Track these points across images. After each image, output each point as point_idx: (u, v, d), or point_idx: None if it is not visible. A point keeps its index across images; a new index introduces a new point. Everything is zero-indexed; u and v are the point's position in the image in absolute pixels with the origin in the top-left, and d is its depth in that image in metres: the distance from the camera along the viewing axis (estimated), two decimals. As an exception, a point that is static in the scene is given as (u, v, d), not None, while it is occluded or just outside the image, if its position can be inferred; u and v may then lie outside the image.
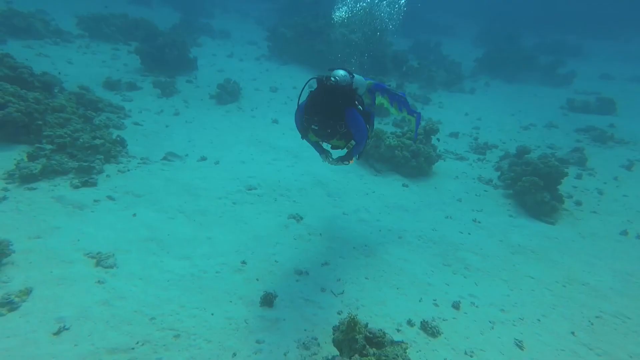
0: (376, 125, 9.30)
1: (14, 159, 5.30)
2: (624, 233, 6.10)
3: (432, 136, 7.89)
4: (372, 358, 2.57)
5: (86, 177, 5.32)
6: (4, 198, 4.65)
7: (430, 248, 5.17)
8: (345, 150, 3.89)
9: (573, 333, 3.87)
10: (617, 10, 34.60)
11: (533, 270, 4.91)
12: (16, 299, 3.26)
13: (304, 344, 3.32)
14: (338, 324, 2.99)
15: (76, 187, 5.16)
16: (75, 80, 8.96)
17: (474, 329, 3.79)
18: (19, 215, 4.43)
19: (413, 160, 7.28)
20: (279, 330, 3.47)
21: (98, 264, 3.91)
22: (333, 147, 3.92)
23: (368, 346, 2.72)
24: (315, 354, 3.25)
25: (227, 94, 10.25)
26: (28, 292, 3.38)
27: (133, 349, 3.05)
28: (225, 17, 22.85)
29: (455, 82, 14.55)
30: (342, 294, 4.07)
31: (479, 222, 6.02)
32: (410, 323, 3.73)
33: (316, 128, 3.23)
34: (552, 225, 6.29)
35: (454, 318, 3.90)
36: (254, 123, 9.25)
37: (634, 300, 4.48)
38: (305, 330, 3.50)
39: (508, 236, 5.71)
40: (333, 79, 3.27)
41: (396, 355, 2.61)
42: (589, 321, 4.08)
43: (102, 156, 5.87)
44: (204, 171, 6.45)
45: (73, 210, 4.73)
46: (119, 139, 6.50)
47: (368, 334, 2.80)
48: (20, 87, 6.10)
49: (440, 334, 3.62)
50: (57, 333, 3.07)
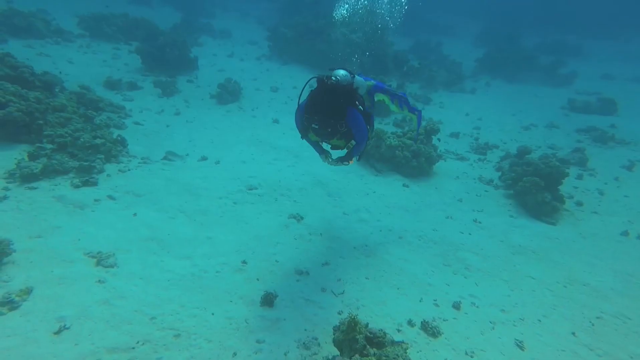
0: (377, 125, 9.30)
1: (15, 158, 5.30)
2: (625, 233, 6.09)
3: (433, 136, 7.88)
4: (373, 358, 2.57)
5: (87, 177, 5.33)
6: (5, 197, 4.65)
7: (430, 248, 5.17)
8: (345, 150, 3.89)
9: (574, 333, 3.87)
10: (617, 10, 34.58)
11: (534, 271, 4.91)
12: (17, 298, 3.26)
13: (304, 343, 3.32)
14: (338, 324, 2.99)
15: (77, 187, 5.17)
16: (76, 79, 8.97)
17: (475, 329, 3.78)
18: (19, 214, 4.43)
19: (414, 160, 7.28)
20: (279, 330, 3.47)
21: (98, 263, 3.91)
22: (333, 148, 3.91)
23: (368, 346, 2.72)
24: (315, 353, 3.25)
25: (228, 93, 10.25)
26: (29, 292, 3.38)
27: (133, 348, 3.06)
28: (225, 17, 22.86)
29: (456, 82, 14.54)
30: (343, 294, 4.06)
31: (480, 223, 6.02)
32: (410, 323, 3.73)
33: (316, 127, 3.21)
34: (553, 225, 6.28)
35: (454, 318, 3.90)
36: (254, 123, 9.25)
37: (635, 301, 4.48)
38: (305, 330, 3.50)
39: (509, 236, 5.70)
40: (334, 78, 3.27)
41: (397, 355, 2.60)
42: (590, 322, 4.08)
43: (103, 156, 5.88)
44: (204, 171, 6.46)
45: (74, 209, 4.73)
46: (119, 138, 6.51)
47: (368, 334, 2.79)
48: (21, 87, 6.11)
49: (440, 334, 3.62)
50: (58, 332, 3.07)
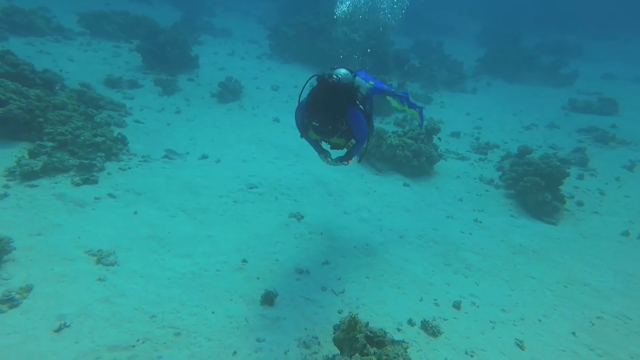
0: (378, 124, 9.30)
1: (15, 156, 5.30)
2: (626, 234, 6.08)
3: (434, 136, 7.88)
4: (373, 357, 2.57)
5: (87, 175, 5.32)
6: (5, 195, 4.65)
7: (431, 248, 5.16)
8: (344, 150, 3.86)
9: (574, 333, 3.87)
10: (617, 10, 34.51)
11: (534, 271, 4.90)
12: (17, 296, 3.26)
13: (304, 342, 3.32)
14: (339, 323, 2.98)
15: (77, 185, 5.16)
16: (77, 77, 8.95)
17: (475, 328, 3.78)
18: (19, 212, 4.43)
19: (414, 160, 7.27)
20: (279, 328, 3.47)
21: (99, 261, 3.91)
22: (333, 147, 3.87)
23: (369, 345, 2.72)
24: (315, 352, 3.24)
25: (229, 92, 10.23)
26: (29, 289, 3.38)
27: (133, 346, 3.05)
28: (226, 16, 22.83)
29: (457, 82, 14.52)
30: (343, 293, 4.06)
31: (480, 222, 6.01)
32: (411, 322, 3.73)
33: (317, 125, 3.18)
34: (554, 225, 6.28)
35: (454, 318, 3.90)
36: (255, 122, 9.24)
37: (636, 301, 4.47)
38: (305, 329, 3.49)
39: (509, 236, 5.70)
40: (335, 76, 3.25)
41: (397, 354, 2.60)
42: (590, 322, 4.07)
43: (103, 154, 5.87)
44: (205, 169, 6.45)
45: (74, 207, 4.73)
46: (120, 136, 6.50)
47: (369, 333, 2.79)
48: (22, 84, 6.09)
49: (440, 334, 3.62)
50: (58, 330, 3.07)
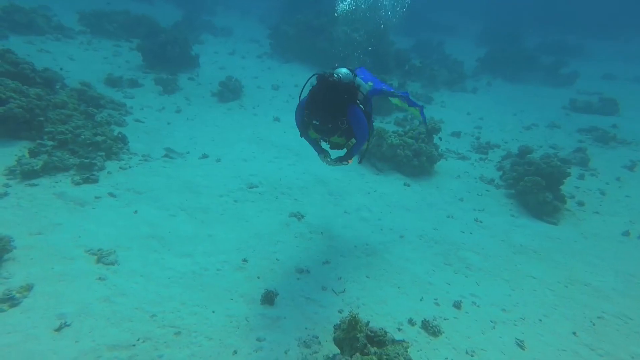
0: (378, 123, 9.30)
1: (15, 155, 5.30)
2: (626, 234, 6.08)
3: (434, 135, 7.87)
4: (374, 357, 2.56)
5: (87, 174, 5.32)
6: (5, 194, 4.65)
7: (431, 247, 5.16)
8: (344, 150, 3.84)
9: (575, 333, 3.86)
10: (617, 10, 34.49)
11: (535, 270, 4.90)
12: (17, 295, 3.26)
13: (304, 342, 3.32)
14: (339, 323, 2.98)
15: (77, 184, 5.16)
16: (77, 76, 8.95)
17: (475, 328, 3.78)
18: (20, 211, 4.43)
19: (415, 160, 7.26)
20: (279, 328, 3.47)
21: (99, 260, 3.91)
22: (332, 147, 3.84)
23: (369, 345, 2.72)
24: (316, 352, 3.24)
25: (229, 91, 10.23)
26: (29, 288, 3.38)
27: (134, 345, 3.05)
28: (227, 15, 22.84)
29: (457, 82, 14.51)
30: (343, 292, 4.06)
31: (481, 222, 6.00)
32: (411, 322, 3.72)
33: (317, 123, 3.16)
34: (554, 225, 6.27)
35: (455, 317, 3.89)
36: (255, 121, 9.24)
37: (636, 301, 4.47)
38: (306, 328, 3.49)
39: (510, 236, 5.69)
40: (336, 75, 3.25)
41: (397, 354, 2.60)
42: (591, 322, 4.07)
43: (104, 153, 5.87)
44: (205, 169, 6.45)
45: (74, 206, 4.73)
46: (120, 135, 6.50)
47: (369, 333, 2.79)
48: (22, 83, 6.09)
49: (441, 333, 3.62)
50: (58, 329, 3.07)
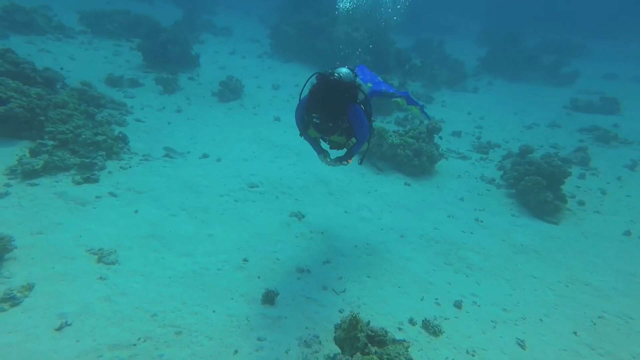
0: (379, 123, 9.29)
1: (16, 155, 5.30)
2: (627, 233, 6.07)
3: (435, 135, 7.86)
4: (374, 356, 2.56)
5: (88, 174, 5.32)
6: (6, 194, 4.65)
7: (432, 247, 5.16)
8: (344, 150, 3.82)
9: (575, 333, 3.86)
10: (617, 10, 34.44)
11: (535, 270, 4.89)
12: (18, 295, 3.27)
13: (305, 341, 3.32)
14: (340, 322, 2.98)
15: (78, 184, 5.16)
16: (78, 76, 8.95)
17: (476, 328, 3.78)
18: (21, 211, 4.43)
19: (415, 159, 7.26)
20: (280, 327, 3.47)
21: (100, 260, 3.91)
22: (332, 147, 3.81)
23: (370, 344, 2.72)
24: (316, 351, 3.24)
25: (229, 91, 10.23)
26: (30, 288, 3.38)
27: (135, 345, 3.06)
28: (227, 14, 22.83)
29: (458, 81, 14.50)
30: (344, 292, 4.06)
31: (482, 222, 6.00)
32: (412, 322, 3.72)
33: (317, 122, 3.15)
34: (555, 225, 6.26)
35: (455, 317, 3.89)
36: (256, 121, 9.23)
37: (637, 301, 4.46)
38: (306, 328, 3.49)
39: (510, 235, 5.69)
40: (336, 74, 3.24)
41: (398, 353, 2.60)
42: (592, 321, 4.06)
43: (104, 152, 5.87)
44: (205, 168, 6.45)
45: (75, 206, 4.73)
46: (121, 135, 6.50)
47: (370, 332, 2.79)
48: (23, 83, 6.10)
49: (442, 333, 3.62)
50: (59, 329, 3.07)
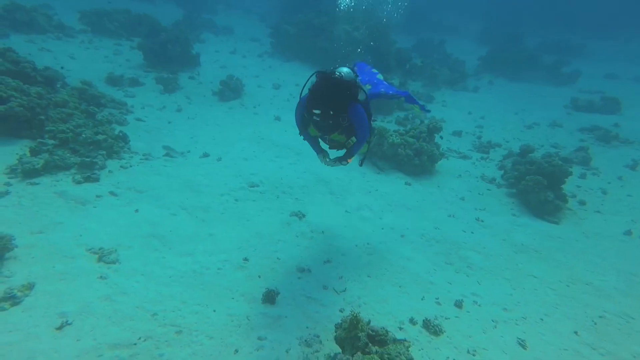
0: (379, 123, 9.28)
1: (17, 154, 5.30)
2: (628, 233, 6.06)
3: (436, 134, 7.85)
4: (375, 356, 2.56)
5: (88, 173, 5.32)
6: (7, 193, 4.65)
7: (432, 246, 5.15)
8: (344, 150, 3.81)
9: (576, 332, 3.86)
10: (617, 10, 34.42)
11: (536, 270, 4.89)
12: (19, 294, 3.27)
13: (306, 341, 3.32)
14: (340, 322, 2.98)
15: (78, 183, 5.16)
16: (78, 75, 8.95)
17: (477, 327, 3.77)
18: (21, 210, 4.43)
19: (416, 159, 7.25)
20: (281, 327, 3.47)
21: (100, 259, 3.91)
22: (331, 146, 3.78)
23: (370, 344, 2.71)
24: (317, 351, 3.24)
25: (230, 90, 10.22)
26: (30, 287, 3.38)
27: (135, 344, 3.06)
28: (228, 14, 22.83)
29: (458, 81, 14.48)
30: (345, 291, 4.06)
31: (482, 221, 5.99)
32: (412, 321, 3.72)
33: (317, 120, 3.12)
34: (556, 224, 6.25)
35: (456, 317, 3.89)
36: (256, 120, 9.23)
37: (638, 300, 4.46)
38: (307, 327, 3.49)
39: (511, 235, 5.68)
40: (337, 73, 3.23)
41: (399, 353, 2.59)
42: (593, 321, 4.06)
43: (105, 152, 5.87)
44: (206, 168, 6.44)
45: (75, 205, 4.73)
46: (121, 134, 6.49)
47: (370, 332, 2.79)
48: (23, 82, 6.09)
49: (442, 333, 3.61)
50: (60, 328, 3.07)
